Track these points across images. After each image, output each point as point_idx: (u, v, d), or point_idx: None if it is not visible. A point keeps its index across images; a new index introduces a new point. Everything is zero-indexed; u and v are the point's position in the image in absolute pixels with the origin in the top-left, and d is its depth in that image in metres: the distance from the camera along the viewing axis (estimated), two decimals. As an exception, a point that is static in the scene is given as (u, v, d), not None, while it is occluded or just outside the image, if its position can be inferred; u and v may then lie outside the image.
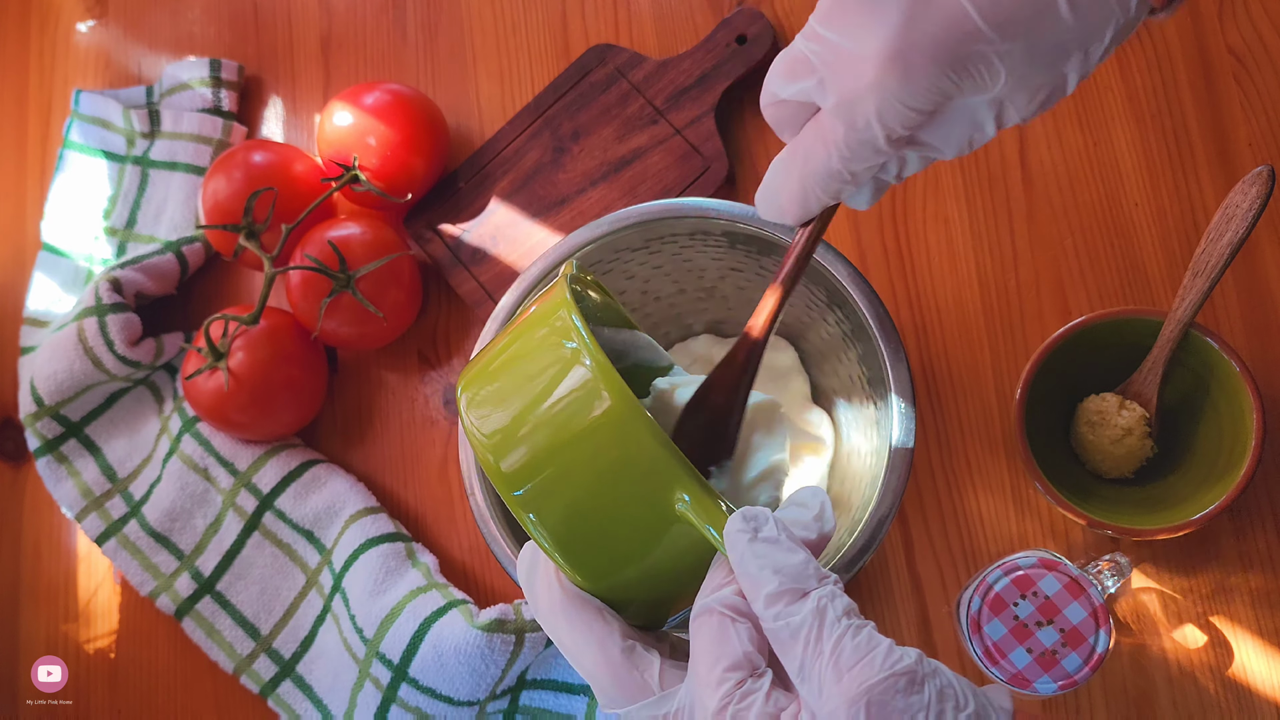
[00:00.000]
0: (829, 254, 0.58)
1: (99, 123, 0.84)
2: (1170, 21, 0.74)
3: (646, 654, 0.42)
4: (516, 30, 0.82)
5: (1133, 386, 0.66)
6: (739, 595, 0.40)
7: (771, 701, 0.38)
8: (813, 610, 0.37)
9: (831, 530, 0.42)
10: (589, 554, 0.42)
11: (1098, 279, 0.71)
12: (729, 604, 0.40)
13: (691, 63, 0.77)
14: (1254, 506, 0.67)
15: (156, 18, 0.89)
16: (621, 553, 0.42)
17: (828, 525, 0.42)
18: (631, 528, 0.42)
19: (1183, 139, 0.72)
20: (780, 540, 0.39)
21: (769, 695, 0.38)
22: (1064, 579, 0.59)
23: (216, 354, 0.73)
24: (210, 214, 0.76)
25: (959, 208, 0.73)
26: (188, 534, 0.77)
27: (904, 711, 0.35)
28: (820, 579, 0.39)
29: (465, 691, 0.68)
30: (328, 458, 0.78)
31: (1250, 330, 0.69)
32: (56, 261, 0.84)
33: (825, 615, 0.37)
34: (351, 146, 0.75)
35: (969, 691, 0.37)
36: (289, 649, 0.74)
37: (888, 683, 0.36)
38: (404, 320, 0.77)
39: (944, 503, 0.70)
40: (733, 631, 0.39)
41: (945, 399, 0.71)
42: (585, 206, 0.77)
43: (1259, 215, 0.61)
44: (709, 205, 0.60)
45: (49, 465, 0.79)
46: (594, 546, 0.42)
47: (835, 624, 0.37)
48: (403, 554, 0.73)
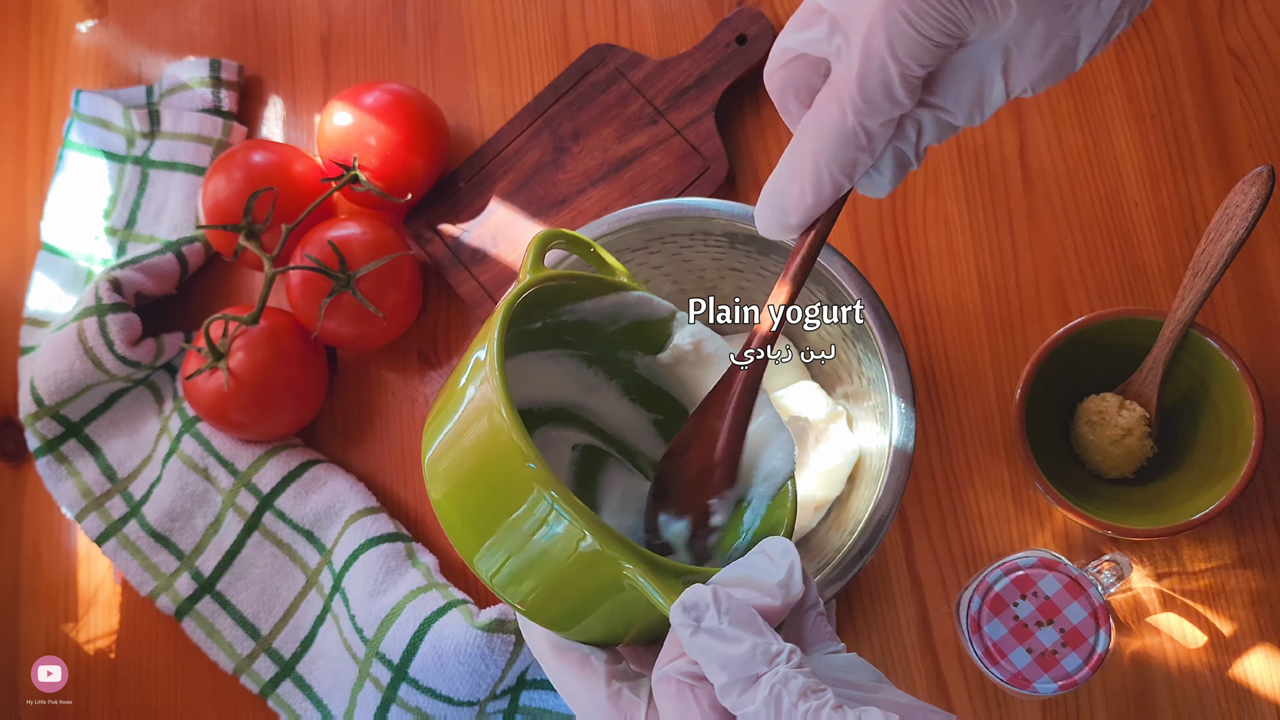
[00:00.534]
0: (829, 254, 0.59)
1: (99, 123, 0.84)
2: (1170, 21, 0.74)
3: (633, 698, 0.42)
4: (516, 30, 0.82)
5: (1133, 386, 0.66)
6: (694, 663, 0.39)
7: None
8: (765, 699, 0.37)
9: (798, 595, 0.41)
10: (554, 615, 0.43)
11: (1098, 279, 0.71)
12: (685, 672, 0.40)
13: (691, 63, 0.77)
14: (1254, 506, 0.67)
15: (156, 18, 0.89)
16: (590, 613, 0.43)
17: (793, 591, 0.41)
18: (589, 597, 0.42)
19: (1183, 139, 0.72)
20: (724, 631, 0.38)
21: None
22: (1064, 579, 0.59)
23: (216, 354, 0.73)
24: (210, 214, 0.76)
25: (959, 208, 0.73)
26: (188, 534, 0.77)
27: None
28: (771, 661, 0.38)
29: (465, 691, 0.68)
30: (328, 458, 0.78)
31: (1250, 330, 0.69)
32: (56, 261, 0.84)
33: (781, 703, 0.37)
34: (351, 146, 0.75)
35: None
36: (289, 649, 0.74)
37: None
38: (404, 320, 0.77)
39: (944, 503, 0.70)
40: (692, 698, 0.39)
41: (945, 399, 0.71)
42: (585, 206, 0.77)
43: (1259, 215, 0.61)
44: (709, 205, 0.60)
45: (49, 465, 0.79)
46: (557, 609, 0.43)
47: (791, 711, 0.37)
48: (403, 554, 0.73)
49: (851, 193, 0.44)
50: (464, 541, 0.43)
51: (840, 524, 0.63)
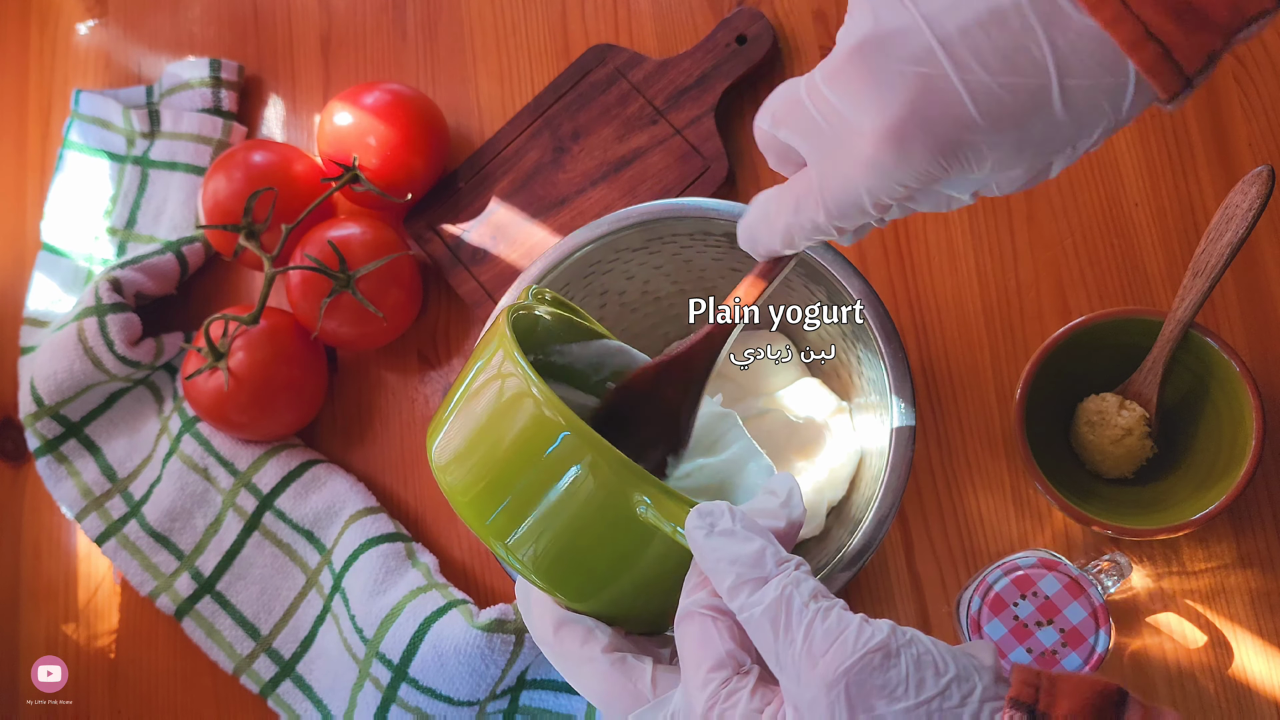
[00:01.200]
0: (829, 254, 0.59)
1: (99, 123, 0.84)
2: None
3: (637, 663, 0.42)
4: (516, 30, 0.82)
5: (1133, 386, 0.66)
6: (716, 595, 0.40)
7: (757, 697, 0.38)
8: (776, 598, 0.38)
9: (800, 515, 0.42)
10: (568, 574, 0.43)
11: (1098, 279, 0.71)
12: (707, 604, 0.40)
13: (691, 63, 0.77)
14: (1254, 506, 0.67)
15: (156, 18, 0.89)
16: (600, 568, 0.43)
17: (795, 511, 0.42)
18: (603, 542, 0.43)
19: (1183, 139, 0.72)
20: (736, 531, 0.39)
21: (754, 691, 0.38)
22: (1064, 579, 0.59)
23: (216, 354, 0.73)
24: (210, 214, 0.76)
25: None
26: (188, 534, 0.77)
27: (883, 689, 0.35)
28: (780, 563, 0.39)
29: (465, 691, 0.68)
30: (328, 458, 0.78)
31: (1250, 330, 0.69)
32: (56, 261, 0.84)
33: (791, 602, 0.37)
34: (351, 146, 0.75)
35: (947, 655, 0.37)
36: (289, 649, 0.74)
37: (863, 661, 0.36)
38: (404, 320, 0.77)
39: (944, 503, 0.70)
40: (714, 631, 0.39)
41: (945, 399, 0.71)
42: (585, 206, 0.77)
43: (1259, 215, 0.61)
44: (709, 205, 0.60)
45: (49, 465, 0.79)
46: (571, 566, 0.43)
47: (803, 610, 0.37)
48: (403, 554, 0.73)
49: None
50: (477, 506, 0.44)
51: (840, 524, 0.63)
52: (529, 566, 0.43)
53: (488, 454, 0.44)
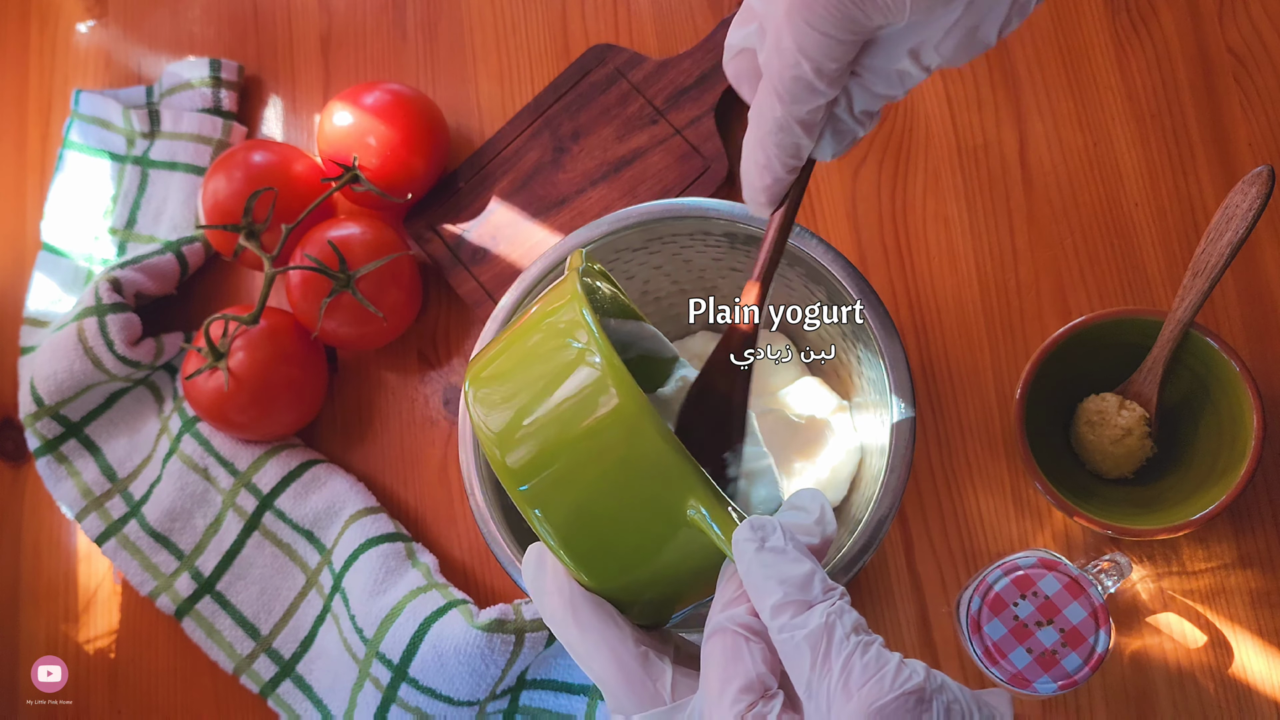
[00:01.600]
0: (829, 254, 0.59)
1: (99, 123, 0.84)
2: (1170, 21, 0.74)
3: (659, 662, 0.42)
4: (516, 30, 0.82)
5: (1133, 386, 0.66)
6: (753, 614, 0.40)
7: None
8: (820, 626, 0.37)
9: (833, 533, 0.42)
10: (596, 553, 0.42)
11: (1098, 279, 0.71)
12: (743, 623, 0.39)
13: (691, 63, 0.77)
14: (1254, 506, 0.67)
15: (156, 18, 0.89)
16: (629, 553, 0.42)
17: (829, 529, 0.42)
18: (639, 528, 0.42)
19: (1183, 139, 0.72)
20: (787, 550, 0.39)
21: (780, 718, 0.38)
22: (1064, 579, 0.59)
23: (216, 354, 0.73)
24: (210, 214, 0.76)
25: (959, 208, 0.73)
26: (188, 534, 0.77)
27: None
28: (826, 591, 0.39)
29: (465, 691, 0.68)
30: (328, 458, 0.78)
31: (1250, 330, 0.69)
32: (56, 261, 0.84)
33: (834, 632, 0.37)
34: (351, 146, 0.75)
35: (974, 704, 0.37)
36: (289, 649, 0.74)
37: (898, 702, 0.36)
38: (404, 320, 0.77)
39: (944, 503, 0.70)
40: (746, 652, 0.39)
41: (945, 399, 0.71)
42: (585, 206, 0.77)
43: (1259, 215, 0.61)
44: (709, 205, 0.60)
45: (49, 465, 0.79)
46: (601, 546, 0.42)
47: (844, 641, 0.37)
48: (403, 554, 0.73)
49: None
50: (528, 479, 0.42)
51: (840, 524, 0.63)
52: (555, 535, 0.42)
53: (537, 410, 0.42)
